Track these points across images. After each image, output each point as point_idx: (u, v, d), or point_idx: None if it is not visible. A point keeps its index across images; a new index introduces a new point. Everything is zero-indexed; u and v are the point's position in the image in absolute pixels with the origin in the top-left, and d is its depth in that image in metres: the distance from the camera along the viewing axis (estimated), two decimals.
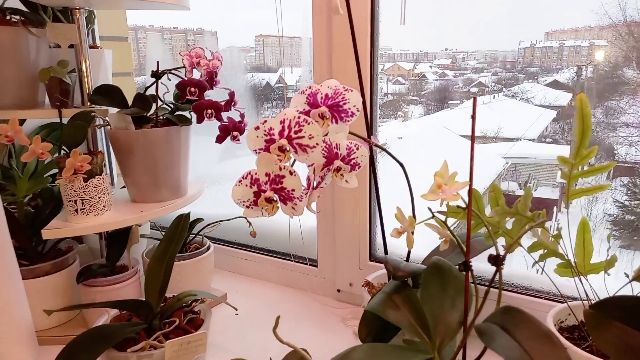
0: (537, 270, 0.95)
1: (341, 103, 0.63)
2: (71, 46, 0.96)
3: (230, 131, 0.82)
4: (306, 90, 0.65)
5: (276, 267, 1.15)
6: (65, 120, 0.88)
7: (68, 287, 0.95)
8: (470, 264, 0.60)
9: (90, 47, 1.05)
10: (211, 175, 1.59)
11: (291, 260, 1.12)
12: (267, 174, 0.60)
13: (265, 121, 0.60)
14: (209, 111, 0.80)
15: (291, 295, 1.10)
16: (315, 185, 0.65)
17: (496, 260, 0.54)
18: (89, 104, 0.97)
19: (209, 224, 1.07)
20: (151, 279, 0.75)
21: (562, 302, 0.73)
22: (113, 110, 0.93)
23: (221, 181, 1.61)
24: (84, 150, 0.95)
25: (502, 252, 0.57)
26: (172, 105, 0.96)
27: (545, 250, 0.72)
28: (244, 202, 0.62)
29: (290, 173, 0.59)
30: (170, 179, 0.95)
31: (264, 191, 0.60)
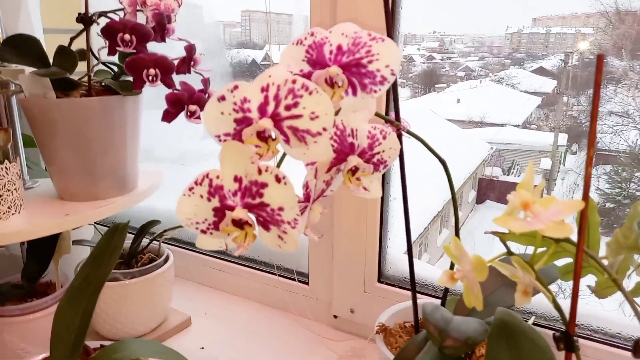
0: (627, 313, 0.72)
1: (364, 60, 0.38)
2: None
3: (184, 104, 0.56)
4: (305, 38, 0.39)
5: (255, 280, 0.90)
6: None
7: None
8: (576, 339, 0.36)
9: None
10: (190, 153, 1.33)
11: (274, 274, 0.88)
12: (236, 179, 0.35)
13: (237, 87, 0.35)
14: (152, 71, 0.54)
15: (274, 319, 0.86)
16: (316, 196, 0.40)
17: None
18: None
19: (166, 230, 0.81)
20: (60, 326, 0.49)
21: None
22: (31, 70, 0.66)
23: (196, 162, 1.35)
24: None
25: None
26: (116, 68, 0.70)
27: None
28: (196, 223, 0.37)
29: (277, 179, 0.34)
30: (111, 167, 0.69)
31: (231, 208, 0.35)
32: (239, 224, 0.35)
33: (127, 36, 0.53)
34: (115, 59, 0.68)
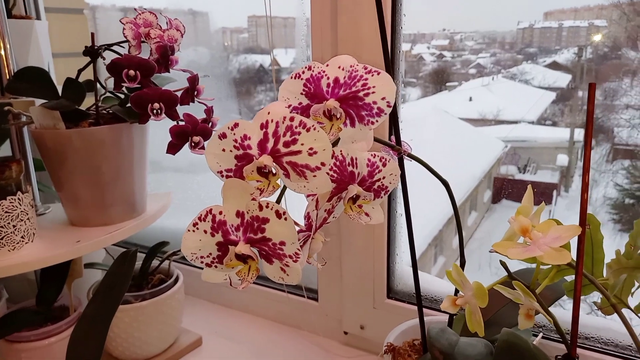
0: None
1: (361, 93, 0.39)
2: None
3: (189, 135, 0.57)
4: (303, 72, 0.40)
5: (265, 298, 0.91)
6: None
7: None
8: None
9: (14, 16, 0.79)
10: (200, 162, 1.32)
11: (284, 291, 0.88)
12: (239, 214, 0.36)
13: (237, 124, 0.36)
14: (157, 105, 0.55)
15: (285, 337, 0.86)
16: (318, 225, 0.41)
17: None
18: (8, 94, 0.72)
19: (176, 251, 0.83)
20: (74, 355, 0.51)
21: None
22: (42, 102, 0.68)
23: (202, 171, 1.34)
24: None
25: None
26: (122, 95, 0.71)
27: None
28: (201, 257, 0.37)
29: (278, 215, 0.35)
30: (120, 193, 0.70)
31: (234, 242, 0.36)
32: (242, 258, 0.36)
33: (132, 72, 0.55)
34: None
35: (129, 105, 0.70)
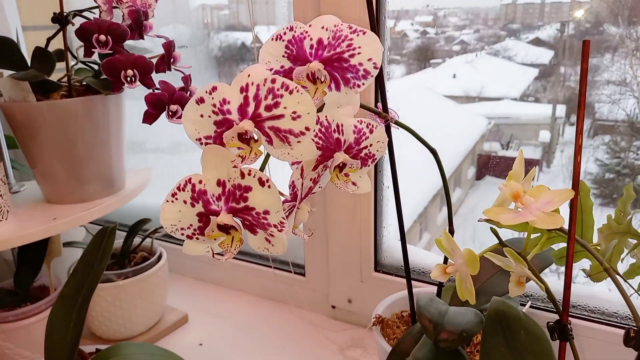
0: (610, 289, 0.72)
1: (346, 54, 0.37)
2: None
3: (165, 104, 0.54)
4: (285, 33, 0.38)
5: (251, 274, 0.90)
6: None
7: None
8: (570, 327, 0.36)
9: None
10: (183, 143, 1.30)
11: (270, 267, 0.87)
12: (220, 183, 0.34)
13: (215, 88, 0.34)
14: (130, 72, 0.52)
15: (272, 313, 0.85)
16: (303, 195, 0.39)
17: None
18: None
19: (157, 228, 0.81)
20: (54, 334, 0.49)
21: None
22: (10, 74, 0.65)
23: (186, 153, 1.31)
24: None
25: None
26: (96, 66, 0.68)
27: None
28: (181, 229, 0.36)
29: (261, 182, 0.33)
30: (97, 169, 0.68)
31: (216, 212, 0.34)
32: (225, 228, 0.34)
33: (102, 37, 0.51)
34: (95, 56, 0.66)
35: (104, 77, 0.67)
